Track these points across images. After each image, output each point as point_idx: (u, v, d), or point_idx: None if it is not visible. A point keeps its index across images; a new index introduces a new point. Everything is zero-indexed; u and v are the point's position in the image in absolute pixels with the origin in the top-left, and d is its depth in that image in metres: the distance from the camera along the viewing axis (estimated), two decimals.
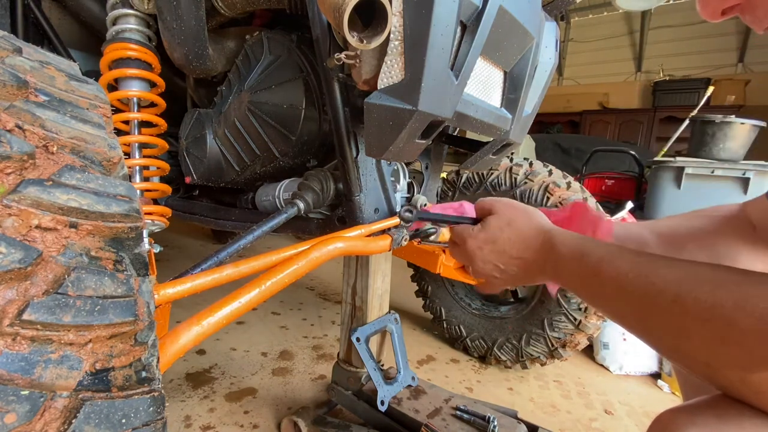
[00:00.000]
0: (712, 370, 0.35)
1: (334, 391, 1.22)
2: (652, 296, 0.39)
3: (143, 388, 0.36)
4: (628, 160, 4.17)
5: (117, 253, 0.38)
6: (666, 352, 0.40)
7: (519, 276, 0.61)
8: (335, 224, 1.05)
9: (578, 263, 0.50)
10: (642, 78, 7.28)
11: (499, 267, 0.61)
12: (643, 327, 0.41)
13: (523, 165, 1.64)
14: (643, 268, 0.41)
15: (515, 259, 0.59)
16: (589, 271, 0.48)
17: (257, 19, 1.23)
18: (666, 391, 1.70)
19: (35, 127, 0.37)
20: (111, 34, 1.07)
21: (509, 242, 0.60)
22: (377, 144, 0.70)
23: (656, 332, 0.39)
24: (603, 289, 0.46)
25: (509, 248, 0.60)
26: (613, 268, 0.44)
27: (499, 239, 0.60)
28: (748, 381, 0.33)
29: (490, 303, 1.83)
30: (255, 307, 1.21)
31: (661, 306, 0.38)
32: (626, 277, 0.42)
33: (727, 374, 0.34)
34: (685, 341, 0.36)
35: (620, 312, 0.44)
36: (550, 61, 0.93)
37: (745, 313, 0.32)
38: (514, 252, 0.59)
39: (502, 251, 0.60)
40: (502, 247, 0.60)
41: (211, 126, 1.24)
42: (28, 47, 0.45)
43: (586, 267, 0.48)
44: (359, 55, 0.63)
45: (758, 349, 0.32)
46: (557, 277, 0.55)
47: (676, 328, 0.37)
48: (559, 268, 0.54)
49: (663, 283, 0.38)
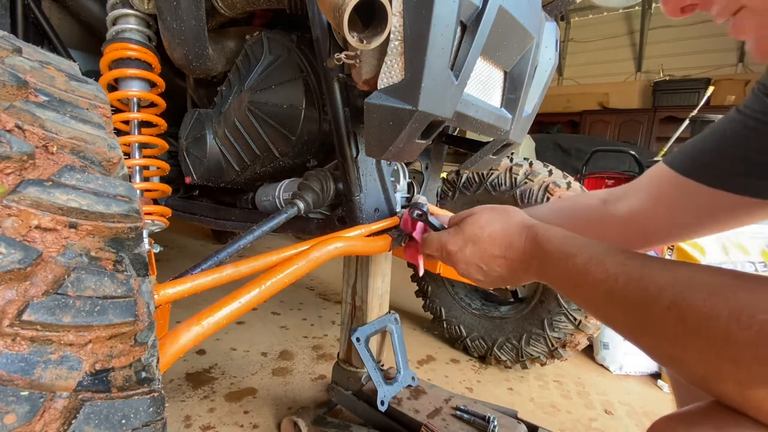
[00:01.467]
0: (708, 383, 0.33)
1: (334, 391, 1.22)
2: (646, 303, 0.37)
3: (143, 388, 0.36)
4: (628, 160, 4.18)
5: (117, 253, 0.38)
6: (661, 360, 0.38)
7: (503, 276, 0.58)
8: (335, 224, 1.05)
9: (565, 263, 0.47)
10: (642, 78, 7.29)
11: (481, 268, 0.59)
12: (637, 333, 0.39)
13: (523, 165, 1.64)
14: (635, 271, 0.39)
15: (498, 258, 0.57)
16: (577, 273, 0.45)
17: (257, 19, 1.23)
18: (666, 391, 1.70)
19: (35, 128, 0.37)
20: (111, 34, 1.07)
21: (490, 240, 0.57)
22: (377, 144, 0.70)
23: (651, 340, 0.37)
24: (592, 293, 0.43)
25: (490, 246, 0.57)
26: (602, 270, 0.42)
27: (481, 238, 0.58)
28: (747, 396, 0.31)
29: (490, 303, 1.83)
30: (255, 307, 1.21)
31: (656, 314, 0.36)
32: (616, 281, 0.40)
33: (726, 388, 0.32)
34: (681, 351, 0.34)
35: (612, 317, 0.42)
36: (550, 61, 0.92)
37: (740, 325, 0.31)
38: (496, 251, 0.57)
39: (483, 250, 0.58)
40: (483, 246, 0.58)
41: (211, 126, 1.24)
42: (28, 47, 0.45)
43: (573, 267, 0.45)
44: (359, 55, 0.63)
45: (756, 366, 0.30)
46: (543, 275, 0.52)
47: (672, 336, 0.35)
48: (545, 266, 0.51)
49: (657, 289, 0.36)
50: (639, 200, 0.66)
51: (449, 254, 0.62)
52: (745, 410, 0.32)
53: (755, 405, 0.31)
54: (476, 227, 0.59)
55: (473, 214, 0.63)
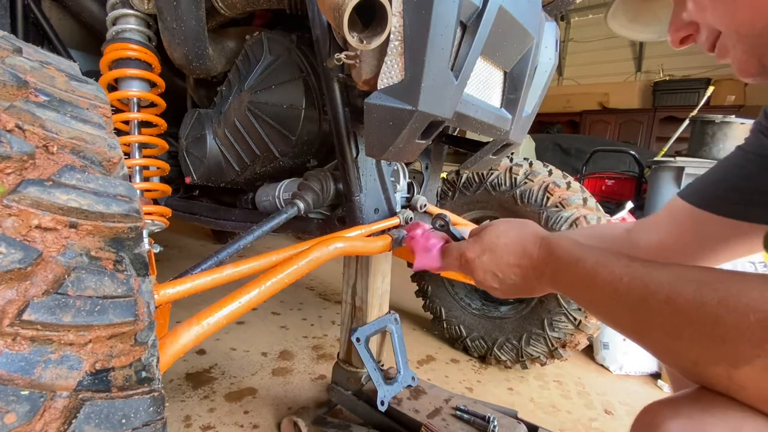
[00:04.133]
0: (700, 368, 0.37)
1: (334, 391, 1.22)
2: (646, 298, 0.40)
3: (143, 388, 0.36)
4: (628, 160, 4.18)
5: (117, 253, 0.38)
6: (659, 353, 0.41)
7: (517, 285, 0.61)
8: (335, 224, 1.05)
9: (575, 266, 0.51)
10: (642, 78, 7.29)
11: (497, 276, 0.62)
12: (638, 329, 0.42)
13: (523, 165, 1.64)
14: (637, 272, 0.43)
15: (513, 266, 0.60)
16: (586, 276, 0.48)
17: (257, 19, 1.23)
18: (666, 391, 1.70)
19: (35, 127, 0.37)
20: (111, 34, 1.07)
21: (506, 249, 0.60)
22: (377, 144, 0.70)
23: (650, 333, 0.41)
24: (599, 294, 0.46)
25: (506, 255, 0.60)
26: (609, 272, 0.45)
27: (498, 246, 0.61)
28: (733, 377, 0.34)
29: (490, 303, 1.83)
30: (255, 307, 1.21)
31: (654, 307, 0.39)
32: (621, 281, 0.44)
33: (714, 371, 0.35)
34: (676, 341, 0.38)
35: (616, 315, 0.45)
36: (550, 61, 0.93)
37: (728, 309, 0.34)
38: (512, 259, 0.60)
39: (499, 258, 0.61)
40: (499, 254, 0.61)
41: (211, 126, 1.24)
42: (28, 47, 0.45)
43: (582, 271, 0.49)
44: (359, 56, 0.63)
45: (742, 345, 0.33)
46: (555, 282, 0.55)
47: (668, 327, 0.38)
48: (557, 273, 0.54)
49: (656, 285, 0.40)
50: (660, 234, 0.72)
51: (467, 262, 0.65)
52: (732, 392, 0.35)
53: (741, 385, 0.34)
54: (493, 236, 0.63)
55: (492, 225, 0.66)
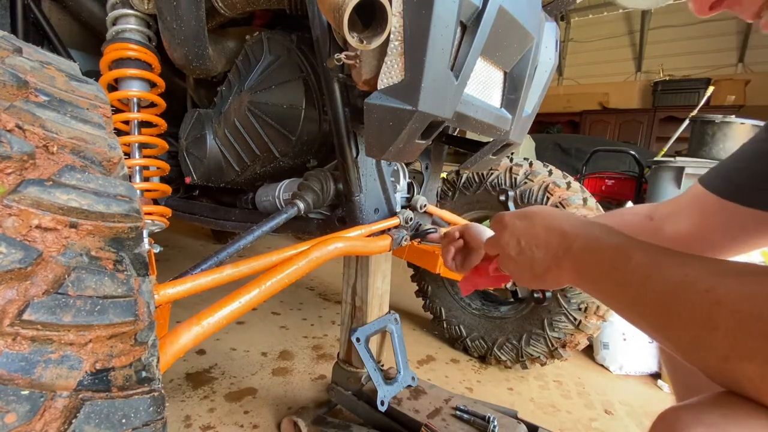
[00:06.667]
0: (730, 365, 0.35)
1: (334, 391, 1.22)
2: (685, 286, 0.39)
3: (143, 388, 0.36)
4: (628, 160, 4.18)
5: (117, 253, 0.38)
6: (684, 346, 0.39)
7: (534, 260, 0.58)
8: (335, 224, 1.05)
9: (607, 246, 0.48)
10: (642, 78, 7.29)
11: (520, 244, 0.60)
12: (665, 320, 0.40)
13: (523, 165, 1.64)
14: (675, 259, 0.42)
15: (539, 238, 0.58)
16: (617, 257, 0.46)
17: (257, 19, 1.23)
18: (666, 391, 1.70)
19: (35, 127, 0.37)
20: (111, 34, 1.07)
21: (543, 221, 0.59)
22: (377, 144, 0.70)
23: (679, 324, 0.39)
24: (630, 277, 0.44)
25: (539, 226, 0.58)
26: (646, 256, 0.44)
27: (536, 216, 0.60)
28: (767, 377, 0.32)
29: (490, 303, 1.83)
30: (255, 307, 1.21)
31: (692, 296, 0.38)
32: (658, 266, 0.42)
33: (746, 370, 0.33)
34: (710, 332, 0.36)
35: (642, 303, 0.43)
36: (550, 61, 0.92)
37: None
38: (542, 231, 0.58)
39: (531, 227, 0.59)
40: (534, 223, 0.59)
41: (211, 126, 1.24)
42: (28, 47, 0.45)
43: (613, 252, 0.47)
44: (359, 56, 0.63)
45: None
46: (577, 265, 0.52)
47: (705, 318, 0.36)
48: (584, 252, 0.51)
49: (696, 274, 0.39)
50: (685, 224, 0.70)
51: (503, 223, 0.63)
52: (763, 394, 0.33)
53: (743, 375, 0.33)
54: (537, 208, 0.62)
55: None
